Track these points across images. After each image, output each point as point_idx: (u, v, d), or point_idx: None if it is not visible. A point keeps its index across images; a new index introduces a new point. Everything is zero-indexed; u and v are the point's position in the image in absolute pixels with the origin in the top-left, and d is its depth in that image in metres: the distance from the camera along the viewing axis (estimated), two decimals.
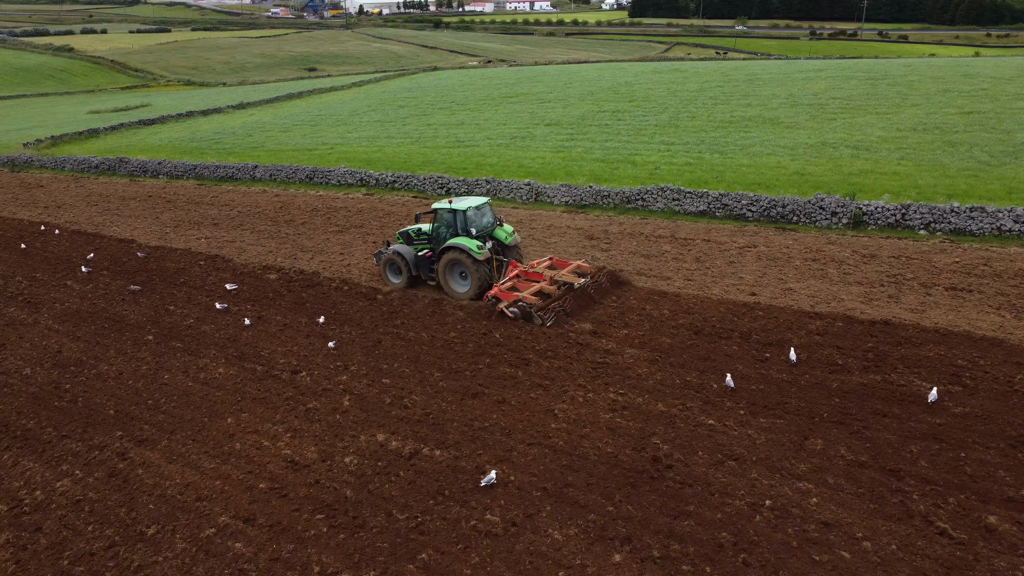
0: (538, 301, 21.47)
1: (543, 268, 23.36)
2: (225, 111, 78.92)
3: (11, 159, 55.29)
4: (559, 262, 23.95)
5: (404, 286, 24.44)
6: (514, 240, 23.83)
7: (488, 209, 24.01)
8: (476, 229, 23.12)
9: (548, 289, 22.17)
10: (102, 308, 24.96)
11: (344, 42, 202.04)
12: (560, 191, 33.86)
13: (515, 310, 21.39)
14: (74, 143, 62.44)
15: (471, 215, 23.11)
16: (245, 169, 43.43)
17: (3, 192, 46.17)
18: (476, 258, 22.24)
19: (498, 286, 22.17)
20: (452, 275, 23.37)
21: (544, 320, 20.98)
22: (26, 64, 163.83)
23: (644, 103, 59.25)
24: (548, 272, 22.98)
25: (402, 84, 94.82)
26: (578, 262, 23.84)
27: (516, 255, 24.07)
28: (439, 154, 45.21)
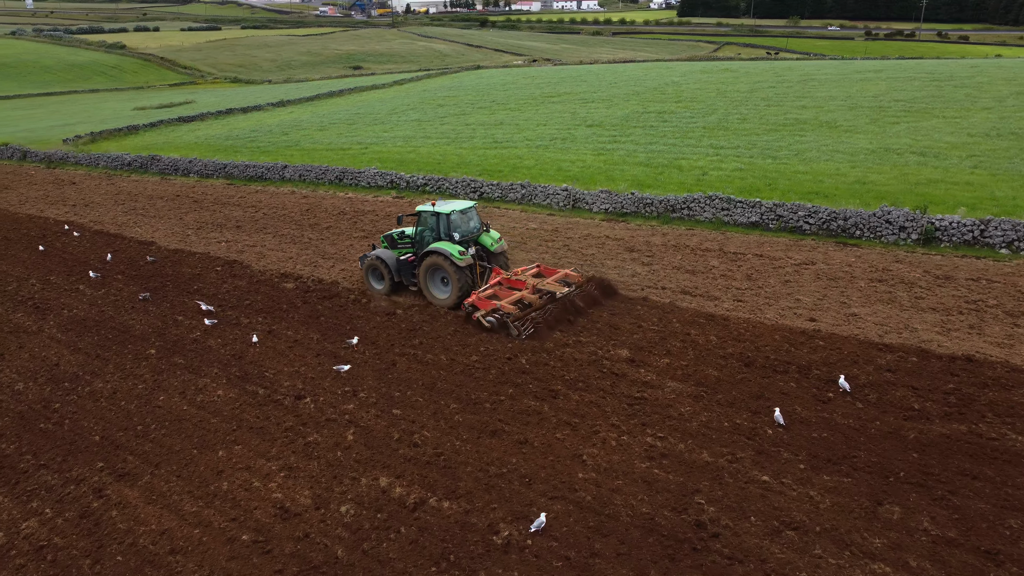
0: (515, 310, 20.26)
1: (528, 276, 22.14)
2: (265, 109, 78.29)
3: (48, 155, 55.02)
4: (547, 270, 22.68)
5: (387, 292, 23.46)
6: (500, 247, 22.87)
7: (474, 213, 22.93)
8: (460, 234, 22.11)
9: (529, 298, 20.92)
10: (109, 316, 23.60)
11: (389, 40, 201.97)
12: (599, 198, 31.68)
13: (492, 319, 20.16)
14: (113, 140, 62.15)
15: (455, 219, 22.05)
16: (275, 169, 42.13)
17: (35, 189, 45.65)
18: (457, 264, 21.22)
19: (476, 294, 20.99)
20: (433, 281, 22.38)
21: (521, 332, 19.69)
22: (79, 61, 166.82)
23: (692, 104, 56.62)
24: (531, 280, 21.69)
25: (443, 83, 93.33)
26: (566, 270, 22.49)
27: (502, 262, 23.13)
28: (475, 155, 43.34)
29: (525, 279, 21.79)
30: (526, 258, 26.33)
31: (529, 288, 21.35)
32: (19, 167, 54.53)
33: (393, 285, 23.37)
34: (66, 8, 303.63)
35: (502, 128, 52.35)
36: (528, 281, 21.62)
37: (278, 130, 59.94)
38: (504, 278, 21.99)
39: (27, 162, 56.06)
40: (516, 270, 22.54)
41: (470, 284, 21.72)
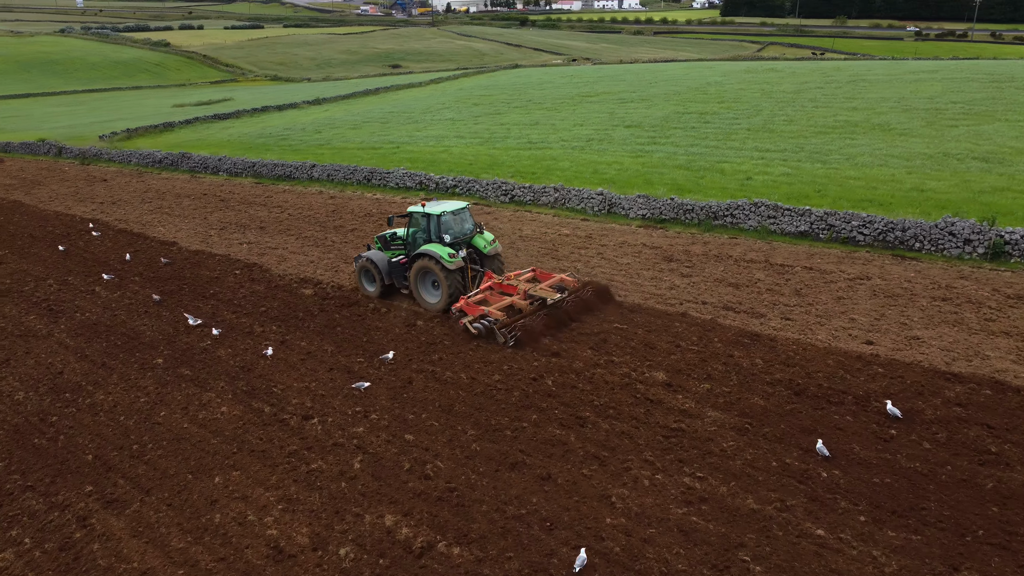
0: (503, 316, 19.51)
1: (522, 281, 21.22)
2: (300, 107, 77.90)
3: (82, 152, 54.96)
4: (542, 274, 21.81)
5: (378, 295, 22.86)
6: (494, 249, 22.03)
7: (467, 215, 22.11)
8: (452, 236, 21.34)
9: (520, 304, 20.12)
10: (121, 321, 22.66)
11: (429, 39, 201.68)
12: (637, 203, 30.01)
13: (479, 326, 19.36)
14: (147, 136, 62.06)
15: (446, 220, 21.30)
16: (303, 168, 41.19)
17: (67, 186, 45.39)
18: (447, 267, 20.52)
19: (465, 299, 20.29)
20: (424, 284, 21.77)
21: (507, 339, 18.89)
22: (124, 58, 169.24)
23: (735, 104, 54.50)
24: (523, 285, 20.79)
25: (479, 81, 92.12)
26: (562, 275, 21.61)
27: (496, 265, 22.26)
28: (508, 156, 41.93)
29: (517, 284, 20.89)
30: (556, 266, 24.83)
31: (520, 293, 20.42)
32: (54, 163, 54.56)
33: (384, 288, 22.68)
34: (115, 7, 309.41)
35: (537, 128, 50.86)
36: (520, 286, 20.71)
37: (311, 128, 59.22)
38: (495, 283, 21.09)
39: (62, 158, 56.10)
40: (509, 275, 21.59)
41: (461, 288, 21.04)
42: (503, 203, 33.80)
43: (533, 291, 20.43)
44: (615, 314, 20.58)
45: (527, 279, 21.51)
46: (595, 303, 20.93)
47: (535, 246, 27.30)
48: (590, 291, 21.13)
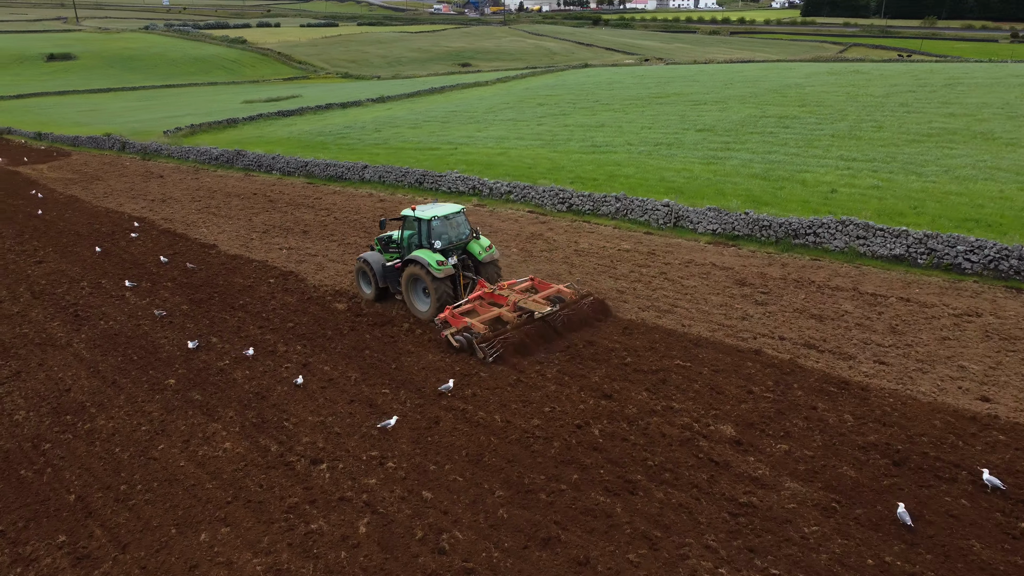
0: (485, 330, 18.34)
1: (514, 291, 20.02)
2: (363, 104, 77.03)
3: (144, 147, 54.92)
4: (541, 284, 20.71)
5: (373, 298, 22.27)
6: (489, 256, 21.10)
7: (461, 219, 21.14)
8: (443, 242, 20.40)
9: (507, 316, 18.97)
10: (143, 332, 21.21)
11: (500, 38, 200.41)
12: (706, 216, 27.18)
13: (461, 339, 18.32)
14: (210, 133, 61.88)
15: (436, 226, 20.41)
16: (355, 169, 39.62)
17: (124, 181, 45.04)
18: (434, 275, 19.70)
19: (451, 309, 19.23)
20: (415, 291, 20.97)
21: (487, 355, 17.72)
22: (202, 54, 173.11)
23: (817, 108, 50.72)
24: (514, 296, 19.59)
25: (546, 81, 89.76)
26: (559, 286, 20.38)
27: (492, 273, 21.28)
28: (569, 160, 39.48)
29: (508, 294, 19.66)
30: (612, 286, 22.33)
31: (510, 305, 19.26)
32: (116, 157, 54.68)
33: (379, 291, 22.03)
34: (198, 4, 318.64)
35: (602, 131, 48.21)
36: (511, 297, 19.51)
37: (371, 127, 57.93)
38: (485, 292, 20.03)
39: (125, 153, 56.24)
40: (502, 284, 20.42)
41: (450, 297, 20.12)
42: (560, 212, 31.39)
43: (523, 303, 19.19)
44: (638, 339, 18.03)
45: (523, 289, 20.47)
46: (592, 318, 19.67)
47: (591, 262, 24.83)
48: (588, 305, 19.85)
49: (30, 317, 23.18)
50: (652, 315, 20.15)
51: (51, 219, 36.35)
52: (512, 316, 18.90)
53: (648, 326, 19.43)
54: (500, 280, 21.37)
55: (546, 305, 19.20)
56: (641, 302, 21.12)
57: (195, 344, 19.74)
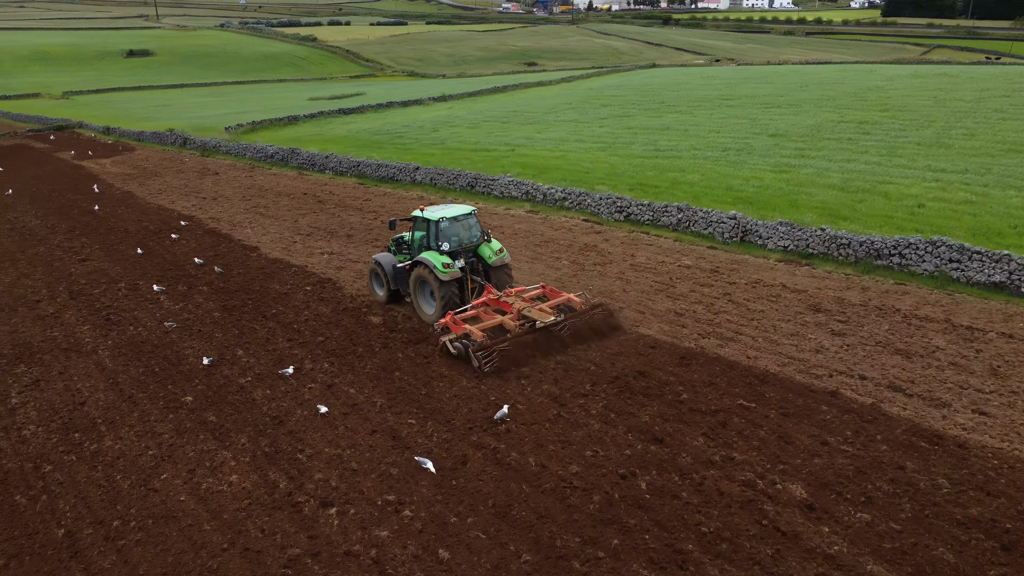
0: (483, 338, 17.57)
1: (520, 299, 19.09)
2: (424, 103, 76.18)
3: (204, 143, 55.03)
4: (552, 292, 19.75)
5: (385, 300, 21.82)
6: (499, 260, 20.32)
7: (473, 221, 20.48)
8: (451, 244, 19.83)
9: (509, 325, 18.19)
10: (170, 341, 20.21)
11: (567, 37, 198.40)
12: (777, 231, 24.86)
13: (459, 346, 17.67)
14: (270, 129, 61.80)
15: (444, 227, 19.79)
16: (406, 170, 38.38)
17: (179, 178, 44.91)
18: (440, 278, 19.06)
19: (452, 315, 18.54)
20: (423, 293, 20.41)
21: (482, 364, 17.00)
22: (272, 51, 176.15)
23: (900, 114, 47.31)
24: (519, 304, 18.72)
25: (611, 81, 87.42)
26: (569, 295, 19.39)
27: (502, 277, 20.43)
28: (630, 165, 37.41)
29: (513, 302, 18.83)
30: (669, 307, 20.34)
31: (514, 312, 18.45)
32: (177, 153, 54.91)
33: (390, 293, 21.58)
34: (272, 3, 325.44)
35: (667, 134, 45.90)
36: (516, 304, 18.67)
37: (429, 126, 56.82)
38: (491, 299, 19.28)
39: (185, 148, 56.49)
40: (509, 290, 19.52)
41: (456, 301, 19.43)
42: (617, 221, 29.39)
43: (528, 311, 18.29)
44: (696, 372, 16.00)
45: (533, 297, 19.58)
46: (603, 329, 18.76)
47: (647, 279, 22.84)
48: (598, 316, 18.89)
49: (63, 319, 22.51)
50: (713, 343, 18.11)
51: (104, 215, 36.20)
52: (514, 325, 18.08)
53: (708, 356, 17.40)
54: (511, 286, 20.47)
55: (550, 314, 18.17)
56: (701, 327, 19.08)
57: (209, 360, 18.54)
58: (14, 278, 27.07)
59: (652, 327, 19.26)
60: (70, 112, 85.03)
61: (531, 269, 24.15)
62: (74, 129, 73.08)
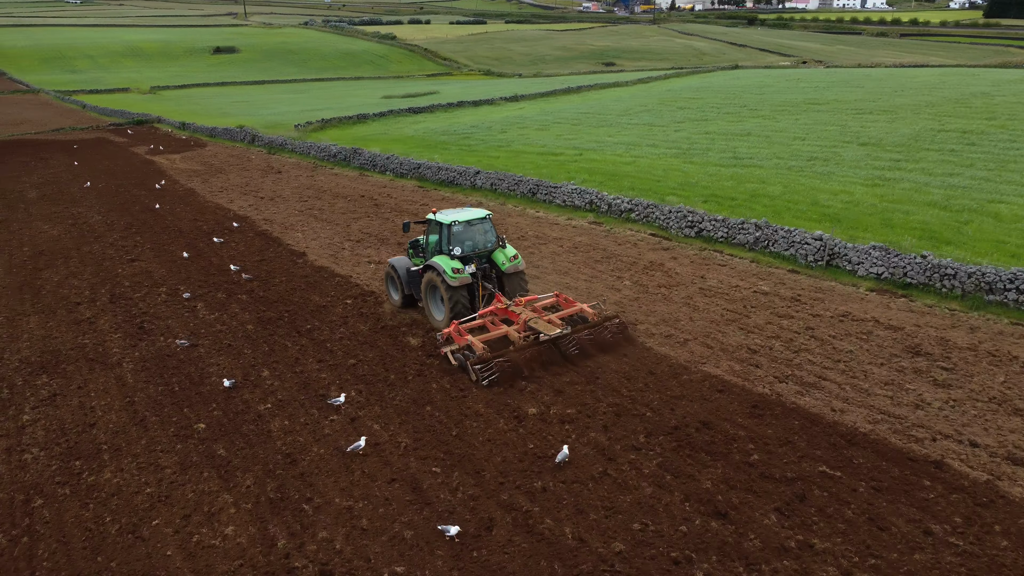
0: (483, 349, 16.86)
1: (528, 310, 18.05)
2: (496, 103, 74.63)
3: (271, 141, 54.76)
4: (567, 302, 18.90)
5: (400, 304, 21.26)
6: (513, 267, 19.51)
7: (487, 226, 19.82)
8: (464, 249, 19.29)
9: (514, 336, 17.43)
10: (196, 357, 18.96)
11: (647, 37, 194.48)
12: (869, 255, 22.00)
13: (460, 356, 17.17)
14: (339, 128, 61.28)
15: (457, 231, 19.23)
16: (466, 174, 36.68)
17: (242, 175, 44.47)
18: (448, 283, 18.47)
19: (457, 323, 17.86)
20: (434, 299, 19.81)
21: (479, 377, 16.37)
22: (352, 49, 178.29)
23: (1011, 123, 42.99)
24: (526, 314, 17.73)
25: (690, 83, 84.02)
26: (582, 306, 18.51)
27: (516, 286, 19.58)
28: (705, 173, 34.75)
29: (521, 311, 17.87)
30: (740, 342, 17.92)
31: (520, 324, 17.55)
32: (245, 150, 54.82)
33: (405, 298, 21.03)
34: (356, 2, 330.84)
35: (747, 140, 42.90)
36: (523, 315, 17.69)
37: (497, 127, 55.13)
38: (498, 307, 18.49)
39: (253, 146, 56.39)
40: (519, 299, 18.59)
41: (466, 308, 18.86)
42: (687, 238, 26.90)
43: (534, 322, 17.33)
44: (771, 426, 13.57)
45: (545, 305, 18.86)
46: (614, 344, 17.82)
47: (718, 306, 20.42)
48: (610, 330, 17.96)
49: (97, 325, 21.64)
50: (791, 389, 15.66)
51: (162, 213, 35.82)
52: (518, 337, 17.26)
53: (785, 406, 14.97)
54: (525, 294, 19.51)
55: (557, 327, 17.18)
56: (778, 368, 16.63)
57: (231, 383, 17.14)
58: (63, 277, 26.59)
59: (720, 365, 16.91)
60: (153, 107, 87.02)
61: (589, 289, 22.03)
62: (153, 124, 74.49)
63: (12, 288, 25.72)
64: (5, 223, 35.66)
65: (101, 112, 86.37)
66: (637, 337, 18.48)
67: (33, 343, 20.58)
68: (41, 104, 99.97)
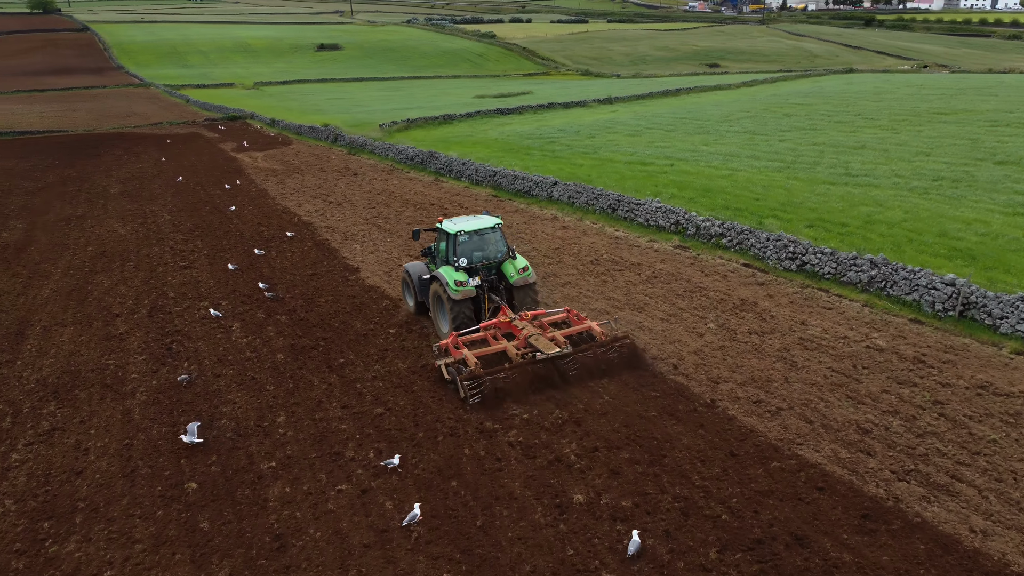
0: (476, 366, 15.82)
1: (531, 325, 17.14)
2: (588, 105, 71.43)
3: (352, 141, 53.52)
4: (578, 318, 17.92)
5: (415, 311, 20.77)
6: (522, 280, 18.74)
7: (496, 236, 19.15)
8: (471, 260, 18.61)
9: (512, 353, 16.49)
10: (213, 392, 16.98)
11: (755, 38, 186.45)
12: (1017, 309, 17.85)
13: (453, 371, 16.29)
14: (424, 128, 59.62)
15: (463, 242, 18.61)
16: (543, 185, 33.81)
17: (317, 177, 43.16)
18: (451, 296, 17.91)
19: (455, 336, 17.19)
20: (440, 309, 19.09)
21: (467, 395, 15.45)
22: (451, 48, 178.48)
23: None
24: (528, 329, 16.95)
25: (799, 87, 78.33)
26: (592, 323, 17.43)
27: (525, 299, 18.82)
28: (811, 192, 30.72)
29: (524, 326, 17.06)
30: (849, 417, 14.41)
31: (521, 339, 16.86)
32: (326, 150, 53.80)
33: (418, 305, 20.43)
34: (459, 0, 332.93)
35: (861, 154, 38.28)
36: (526, 330, 16.93)
37: (585, 131, 52.06)
38: (500, 321, 17.64)
39: (336, 145, 55.35)
40: (525, 312, 17.71)
41: (470, 321, 18.17)
42: (787, 271, 23.18)
43: (534, 339, 16.53)
44: (887, 549, 10.12)
45: (553, 321, 17.86)
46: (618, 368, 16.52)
47: (821, 364, 16.87)
48: (616, 351, 16.68)
49: (127, 343, 20.11)
50: (915, 493, 12.15)
51: (229, 215, 34.73)
52: (516, 354, 16.29)
53: (906, 520, 11.51)
54: (534, 308, 18.55)
55: (556, 345, 16.23)
56: (897, 459, 13.10)
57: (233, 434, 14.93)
58: (113, 283, 25.50)
59: (822, 449, 13.52)
60: (251, 102, 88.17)
61: (665, 330, 18.86)
62: (245, 120, 75.12)
63: (62, 293, 24.74)
64: (80, 219, 35.37)
65: (201, 107, 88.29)
66: (700, 392, 15.27)
67: (58, 360, 19.19)
68: (150, 98, 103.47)
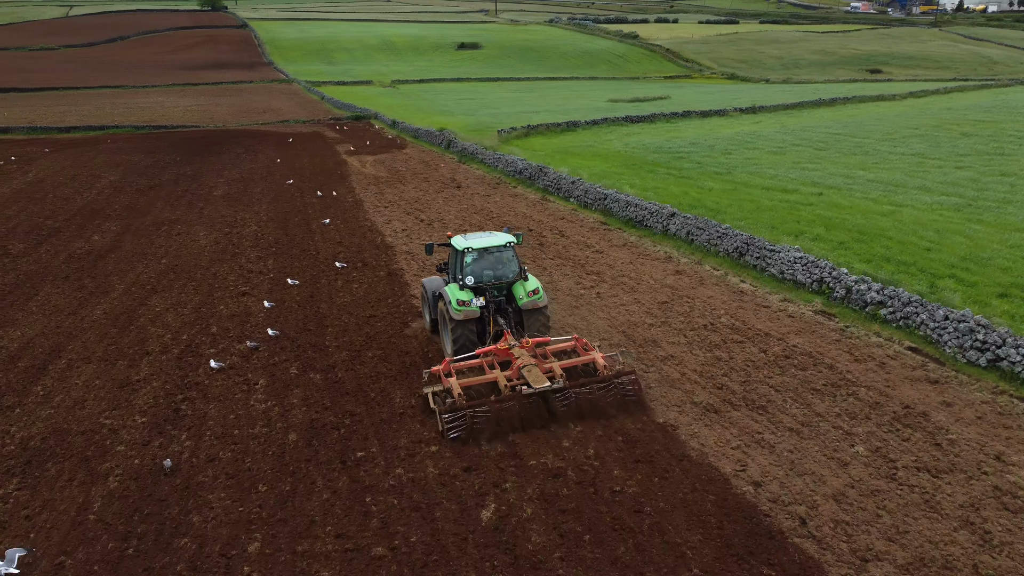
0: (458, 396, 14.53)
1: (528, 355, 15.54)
2: (728, 114, 65.03)
3: (463, 148, 50.15)
4: (585, 349, 16.39)
5: (429, 328, 19.66)
6: (531, 303, 17.26)
7: (508, 255, 17.76)
8: (479, 279, 17.34)
9: (502, 383, 15.05)
10: (197, 486, 13.52)
11: (925, 42, 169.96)
12: None
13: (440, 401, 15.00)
14: (545, 135, 55.61)
15: (470, 260, 17.39)
16: (659, 215, 28.63)
17: (419, 189, 39.93)
18: (452, 316, 16.71)
19: (448, 361, 16.01)
20: (446, 328, 17.60)
21: (445, 428, 14.16)
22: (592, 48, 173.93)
23: None
24: (526, 358, 15.31)
25: (979, 100, 68.09)
26: (596, 355, 15.86)
27: (535, 324, 17.31)
28: (1003, 244, 24.03)
29: (520, 355, 15.45)
30: None
31: (514, 370, 15.24)
32: (437, 156, 50.79)
33: (432, 323, 19.61)
34: None
35: None
36: (521, 359, 15.29)
37: (720, 147, 46.22)
38: (498, 348, 16.00)
39: (447, 152, 52.29)
40: (530, 339, 16.09)
41: (472, 344, 16.85)
42: (972, 365, 17.00)
43: (527, 370, 14.90)
44: None
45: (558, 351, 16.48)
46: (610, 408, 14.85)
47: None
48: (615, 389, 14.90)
49: (136, 399, 17.15)
50: None
51: (314, 229, 32.08)
52: (506, 385, 15.14)
53: None
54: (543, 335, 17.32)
55: (547, 379, 14.85)
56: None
57: None
58: (165, 307, 23.09)
59: None
60: (382, 101, 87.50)
61: (792, 451, 13.67)
62: (369, 120, 73.90)
63: (110, 317, 22.48)
64: (172, 224, 33.80)
65: (333, 104, 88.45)
66: None
67: (58, 412, 16.51)
68: (290, 94, 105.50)
